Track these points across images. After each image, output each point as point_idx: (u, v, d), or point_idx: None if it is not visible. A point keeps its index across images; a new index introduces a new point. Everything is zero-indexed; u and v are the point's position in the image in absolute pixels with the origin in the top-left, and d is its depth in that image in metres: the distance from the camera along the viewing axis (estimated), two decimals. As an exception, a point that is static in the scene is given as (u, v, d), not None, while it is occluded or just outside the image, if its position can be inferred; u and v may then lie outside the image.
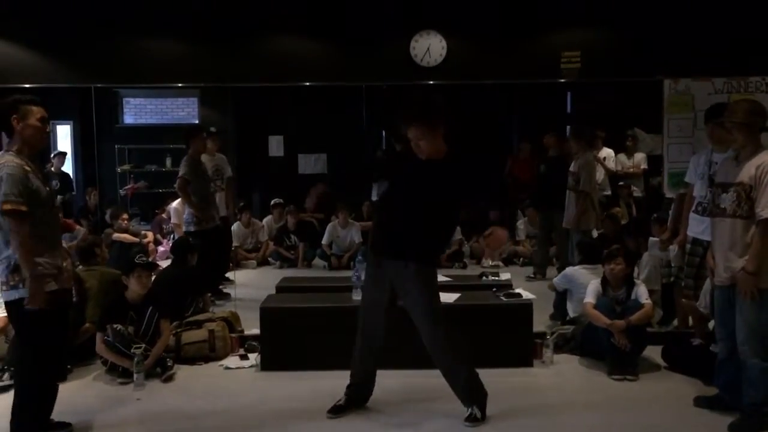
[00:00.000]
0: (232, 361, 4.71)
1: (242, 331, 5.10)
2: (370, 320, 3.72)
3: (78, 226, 8.06)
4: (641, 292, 4.60)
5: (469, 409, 3.66)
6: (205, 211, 6.29)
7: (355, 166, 9.20)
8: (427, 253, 3.61)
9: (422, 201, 3.50)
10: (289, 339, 4.53)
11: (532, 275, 7.18)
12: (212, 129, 7.29)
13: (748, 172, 3.46)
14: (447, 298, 4.64)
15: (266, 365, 4.54)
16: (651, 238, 5.40)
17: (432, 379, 4.03)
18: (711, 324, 4.42)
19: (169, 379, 4.37)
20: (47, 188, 3.35)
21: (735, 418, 3.58)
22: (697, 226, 4.36)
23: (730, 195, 3.51)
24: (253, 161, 9.69)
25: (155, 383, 4.31)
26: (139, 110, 10.05)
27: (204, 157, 6.56)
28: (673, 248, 4.87)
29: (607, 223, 6.73)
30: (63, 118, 9.36)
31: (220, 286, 6.58)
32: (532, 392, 4.14)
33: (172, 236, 8.15)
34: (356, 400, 3.82)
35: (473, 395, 3.70)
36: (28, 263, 3.16)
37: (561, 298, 5.33)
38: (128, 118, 9.96)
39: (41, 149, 3.54)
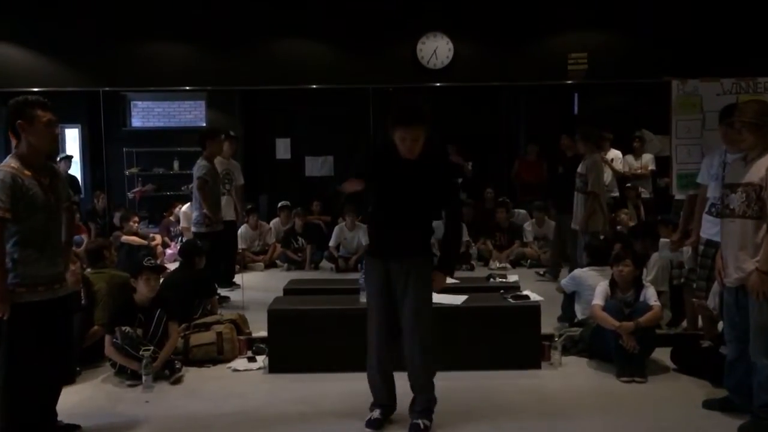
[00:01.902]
0: (240, 363, 4.72)
1: (250, 334, 5.11)
2: (389, 328, 3.58)
3: (84, 233, 8.08)
4: (650, 294, 4.58)
5: (422, 421, 3.57)
6: (217, 213, 6.35)
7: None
8: (429, 249, 3.67)
9: (420, 199, 3.56)
10: (297, 341, 4.53)
11: (541, 273, 7.14)
12: (231, 133, 7.30)
13: (758, 172, 3.44)
14: (454, 299, 4.65)
15: (274, 367, 4.54)
16: (662, 239, 5.36)
17: (438, 381, 4.05)
18: (720, 326, 4.40)
19: (177, 381, 4.38)
20: (51, 194, 3.29)
21: (745, 421, 3.56)
22: (710, 228, 4.32)
23: (738, 195, 3.49)
24: (260, 164, 9.71)
25: (163, 385, 4.32)
26: (146, 113, 10.11)
27: (216, 160, 6.59)
28: (687, 249, 4.82)
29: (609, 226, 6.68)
30: (71, 122, 9.41)
31: (222, 290, 6.54)
32: (540, 394, 4.13)
33: (179, 239, 8.18)
34: (388, 413, 3.72)
35: (431, 407, 3.64)
36: None
37: (569, 300, 5.32)
38: (136, 121, 10.01)
39: (50, 152, 3.49)
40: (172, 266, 6.42)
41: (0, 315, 3.14)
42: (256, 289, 6.76)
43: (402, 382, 3.67)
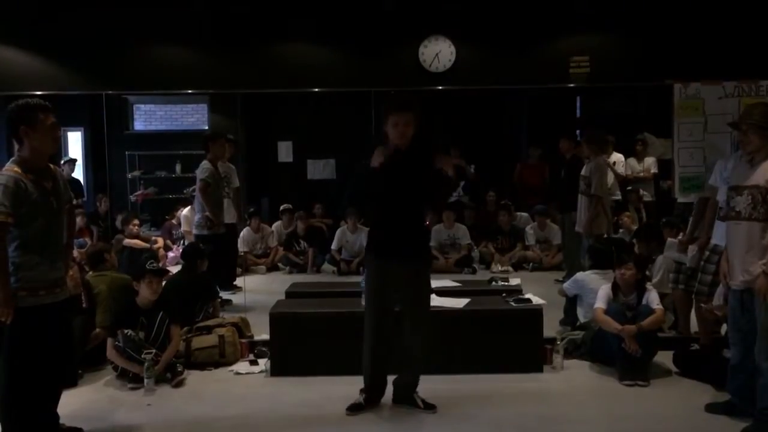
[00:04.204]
0: (242, 366, 4.71)
1: (252, 337, 5.11)
2: (385, 325, 3.80)
3: (86, 236, 8.09)
4: (652, 298, 4.57)
5: (420, 401, 3.87)
6: (219, 215, 6.36)
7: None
8: (429, 250, 3.98)
9: (416, 194, 3.72)
10: (299, 344, 4.53)
11: (560, 280, 7.08)
12: (230, 136, 7.32)
13: (763, 174, 3.44)
14: (456, 303, 4.65)
15: (276, 371, 4.54)
16: (669, 239, 5.34)
17: (441, 384, 4.04)
18: (724, 329, 4.39)
19: (179, 384, 4.38)
20: (53, 197, 3.28)
21: (748, 424, 3.55)
22: (720, 232, 4.30)
23: (744, 198, 3.49)
24: (263, 167, 9.73)
25: (165, 388, 4.32)
26: (149, 117, 10.12)
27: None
28: (693, 248, 4.79)
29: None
30: (74, 125, 9.44)
31: (224, 293, 6.55)
32: (542, 398, 4.12)
33: (182, 242, 8.19)
34: (373, 400, 3.92)
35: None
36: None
37: (571, 303, 5.31)
38: (138, 125, 10.03)
39: (52, 155, 3.48)
40: (174, 269, 6.42)
41: (4, 319, 3.15)
42: (258, 292, 6.76)
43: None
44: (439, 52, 8.14)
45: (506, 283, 5.62)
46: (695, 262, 4.69)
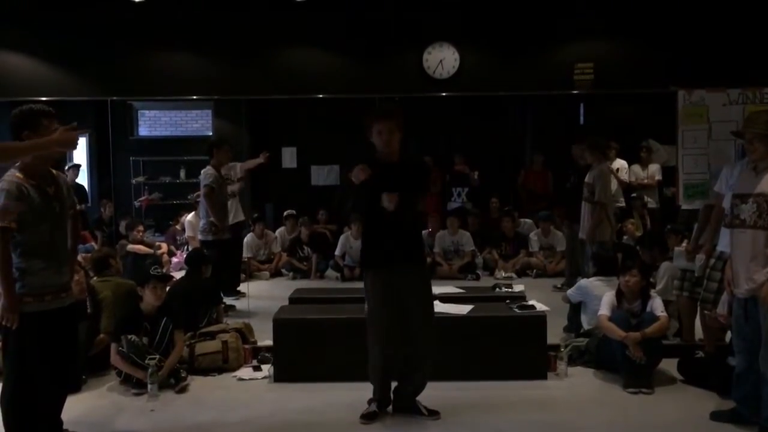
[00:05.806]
0: (245, 372, 4.72)
1: (255, 343, 5.11)
2: (393, 332, 3.78)
3: (91, 241, 8.11)
4: (657, 305, 4.56)
5: (423, 408, 3.86)
6: (224, 221, 6.37)
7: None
8: (424, 254, 4.04)
9: (407, 201, 3.73)
10: (302, 350, 4.53)
11: (559, 286, 7.07)
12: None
13: (768, 182, 3.43)
14: (460, 309, 4.64)
15: (279, 377, 4.54)
16: (676, 248, 5.34)
17: (444, 391, 4.03)
18: (728, 336, 4.38)
19: (182, 390, 4.38)
20: (56, 202, 3.29)
21: (753, 433, 3.54)
22: (725, 239, 4.28)
23: (749, 206, 3.49)
24: (266, 173, 9.72)
25: (169, 394, 4.32)
26: (153, 122, 10.15)
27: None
28: (701, 257, 4.79)
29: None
30: (79, 130, 9.45)
31: (228, 299, 6.54)
32: (546, 405, 4.11)
33: (185, 248, 8.20)
34: (382, 408, 3.93)
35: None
36: (3, 280, 3.11)
37: (575, 310, 5.30)
38: (143, 131, 10.06)
39: (57, 160, 3.48)
40: (177, 275, 6.43)
41: (9, 324, 3.15)
42: (261, 297, 6.76)
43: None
44: (443, 59, 8.15)
45: (510, 290, 5.61)
46: (703, 270, 4.68)
